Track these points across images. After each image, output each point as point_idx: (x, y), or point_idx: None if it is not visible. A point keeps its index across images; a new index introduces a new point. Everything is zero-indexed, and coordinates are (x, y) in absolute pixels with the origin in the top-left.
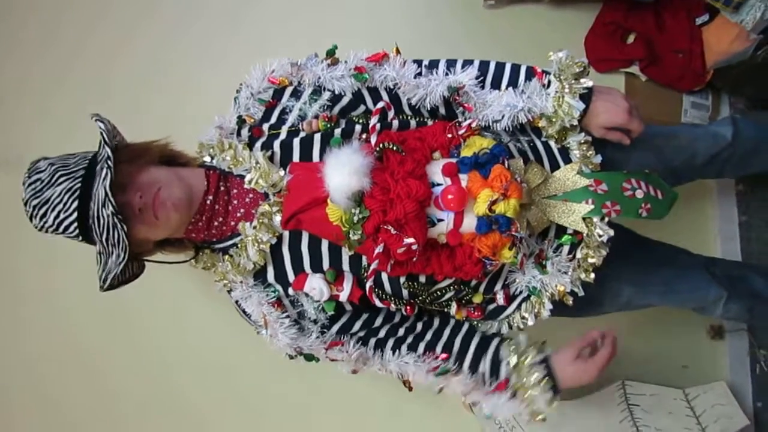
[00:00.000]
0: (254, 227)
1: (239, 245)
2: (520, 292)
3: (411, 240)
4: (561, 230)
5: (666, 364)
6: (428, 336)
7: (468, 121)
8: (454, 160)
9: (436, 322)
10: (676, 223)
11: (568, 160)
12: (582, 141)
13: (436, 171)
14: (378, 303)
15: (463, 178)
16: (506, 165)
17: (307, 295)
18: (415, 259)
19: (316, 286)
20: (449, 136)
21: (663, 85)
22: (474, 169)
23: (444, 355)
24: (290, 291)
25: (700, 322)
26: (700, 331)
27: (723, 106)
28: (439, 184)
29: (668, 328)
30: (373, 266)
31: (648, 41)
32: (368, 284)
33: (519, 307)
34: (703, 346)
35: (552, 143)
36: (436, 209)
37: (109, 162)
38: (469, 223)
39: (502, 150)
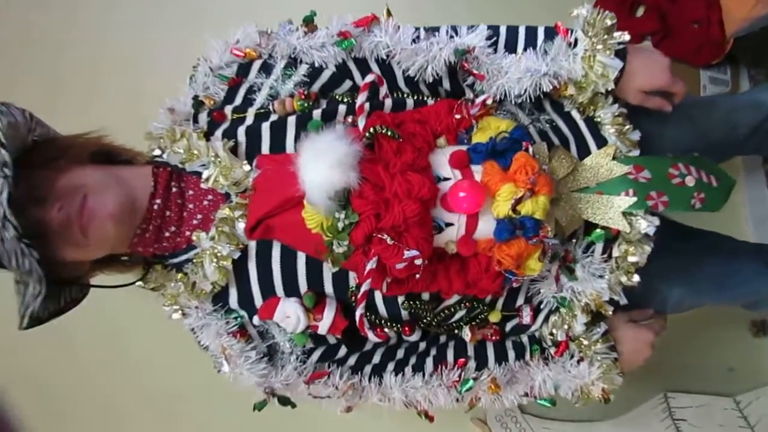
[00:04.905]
0: (212, 237)
1: (195, 261)
2: (546, 304)
3: (413, 252)
4: (590, 225)
5: (709, 369)
6: (434, 351)
7: (482, 97)
8: (464, 148)
9: (443, 338)
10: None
11: (600, 141)
12: (616, 113)
13: (442, 162)
14: (372, 337)
15: (477, 171)
16: (530, 152)
17: (278, 325)
18: (418, 275)
19: (291, 313)
20: (457, 117)
21: (678, 60)
22: (490, 158)
23: (461, 361)
24: (256, 320)
25: (741, 319)
26: (742, 329)
27: (742, 80)
28: (446, 179)
29: (706, 329)
30: (364, 287)
31: (660, 12)
32: (358, 312)
33: (546, 320)
34: (747, 344)
35: (578, 118)
36: (443, 211)
37: (5, 170)
38: (486, 228)
39: (524, 134)
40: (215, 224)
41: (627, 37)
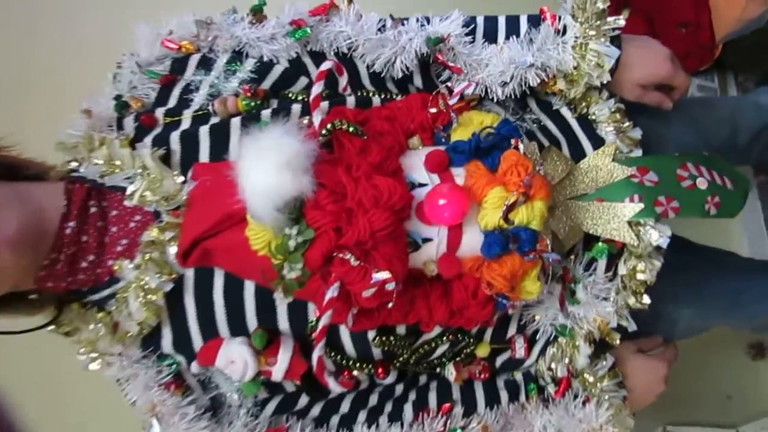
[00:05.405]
0: (137, 266)
1: (118, 296)
2: (543, 334)
3: (384, 275)
4: (590, 238)
5: (707, 397)
6: (413, 395)
7: (462, 85)
8: (442, 148)
9: (423, 378)
10: (694, 222)
11: (596, 141)
12: (614, 109)
13: (416, 164)
14: (335, 387)
15: (459, 174)
16: (521, 150)
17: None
18: (391, 303)
19: (236, 357)
20: (432, 111)
21: None
22: (474, 158)
23: (445, 406)
24: (195, 367)
25: (737, 341)
26: (738, 352)
27: (730, 87)
28: (422, 185)
29: (700, 354)
30: (323, 321)
31: (646, 15)
32: (316, 353)
33: (543, 353)
34: (745, 369)
35: (569, 116)
36: (419, 223)
37: None
38: (472, 242)
39: (513, 129)
40: (141, 250)
41: (622, 21)
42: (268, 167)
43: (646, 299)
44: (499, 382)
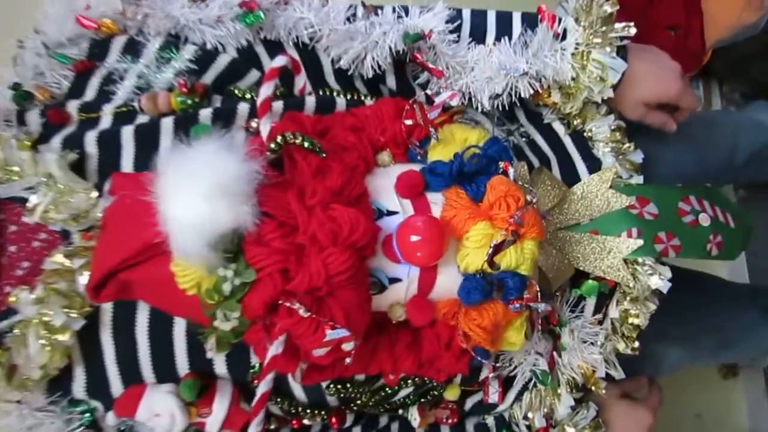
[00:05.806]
0: (38, 300)
1: (16, 332)
2: (520, 377)
3: (340, 333)
4: (579, 272)
5: (676, 415)
6: None
7: (445, 94)
8: (417, 168)
9: (383, 419)
10: None
11: (591, 162)
12: (614, 128)
13: (385, 187)
14: None
15: (435, 201)
16: (511, 176)
17: None
18: (349, 360)
19: (162, 409)
20: (408, 122)
21: None
22: (455, 184)
23: None
24: (111, 418)
25: None
26: (709, 371)
27: (714, 96)
28: (391, 213)
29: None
30: (262, 387)
31: (634, 16)
32: (254, 429)
33: (519, 398)
34: (716, 388)
35: (561, 132)
36: (386, 260)
37: None
38: (448, 283)
39: (502, 149)
40: (42, 279)
41: (633, 29)
42: (198, 194)
43: (637, 345)
44: (468, 425)
